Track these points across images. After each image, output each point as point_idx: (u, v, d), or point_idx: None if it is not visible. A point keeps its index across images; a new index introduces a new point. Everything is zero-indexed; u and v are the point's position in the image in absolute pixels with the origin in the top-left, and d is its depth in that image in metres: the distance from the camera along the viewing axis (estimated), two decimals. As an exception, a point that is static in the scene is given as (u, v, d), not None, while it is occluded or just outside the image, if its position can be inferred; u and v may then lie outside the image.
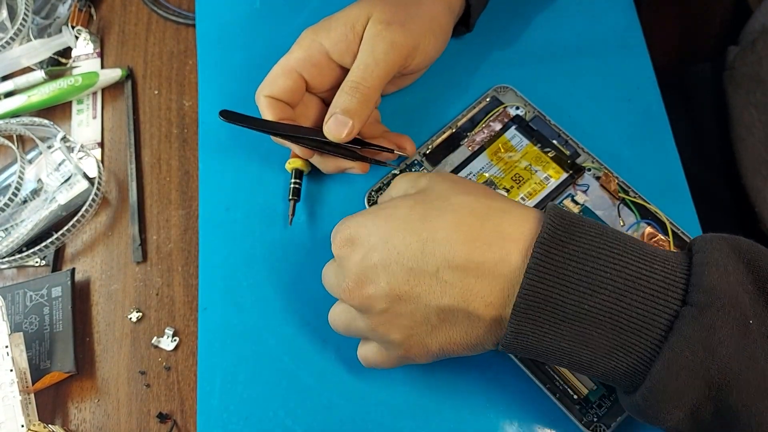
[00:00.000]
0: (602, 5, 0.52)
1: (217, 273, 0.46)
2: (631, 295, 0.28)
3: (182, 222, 0.51)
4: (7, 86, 0.57)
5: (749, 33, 0.56)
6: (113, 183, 0.53)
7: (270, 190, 0.48)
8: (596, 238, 0.30)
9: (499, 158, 0.46)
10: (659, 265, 0.29)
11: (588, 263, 0.29)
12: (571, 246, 0.29)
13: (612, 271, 0.29)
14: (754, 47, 0.53)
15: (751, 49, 0.53)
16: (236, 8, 0.55)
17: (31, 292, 0.48)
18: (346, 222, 0.36)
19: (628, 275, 0.29)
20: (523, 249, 0.31)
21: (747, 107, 0.53)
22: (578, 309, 0.29)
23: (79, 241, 0.52)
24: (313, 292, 0.44)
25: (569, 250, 0.29)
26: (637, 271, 0.29)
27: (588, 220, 0.32)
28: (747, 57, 0.53)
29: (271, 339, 0.43)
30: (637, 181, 0.45)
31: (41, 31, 0.59)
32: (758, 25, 0.55)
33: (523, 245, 0.31)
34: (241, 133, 0.50)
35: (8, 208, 0.51)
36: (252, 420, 0.41)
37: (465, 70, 0.50)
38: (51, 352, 0.46)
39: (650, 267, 0.29)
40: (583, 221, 0.31)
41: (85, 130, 0.56)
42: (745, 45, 0.54)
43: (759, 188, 0.51)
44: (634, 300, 0.28)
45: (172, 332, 0.47)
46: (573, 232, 0.30)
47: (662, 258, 0.30)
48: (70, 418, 0.46)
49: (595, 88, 0.49)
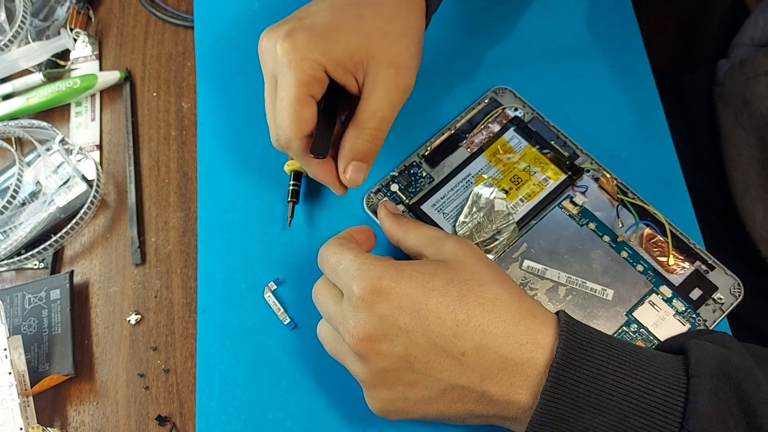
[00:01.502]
0: (600, 7, 0.52)
1: (216, 275, 0.46)
2: (635, 417, 0.31)
3: (181, 224, 0.51)
4: (5, 89, 0.56)
5: (738, 46, 0.56)
6: (112, 185, 0.53)
7: (269, 192, 0.48)
8: (606, 361, 0.32)
9: (498, 160, 0.46)
10: (660, 387, 0.31)
11: (598, 385, 0.31)
12: (583, 370, 0.32)
13: (618, 394, 0.31)
14: (742, 68, 0.52)
15: (739, 69, 0.53)
16: (234, 10, 0.55)
17: (30, 295, 0.48)
18: (380, 268, 0.35)
19: (633, 398, 0.31)
20: (548, 357, 0.33)
21: (736, 127, 0.53)
22: (588, 427, 0.31)
23: (77, 244, 0.52)
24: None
25: (581, 374, 0.32)
26: (639, 395, 0.31)
27: (597, 336, 0.33)
28: (735, 77, 0.53)
29: (270, 341, 0.43)
30: (635, 182, 0.45)
31: (40, 33, 0.59)
32: (747, 38, 0.55)
33: (548, 353, 0.33)
34: (240, 134, 0.50)
35: (7, 211, 0.51)
36: (251, 422, 0.41)
37: (463, 71, 0.50)
38: (50, 355, 0.46)
39: (652, 389, 0.31)
40: (593, 341, 0.33)
41: (83, 132, 0.56)
42: (733, 63, 0.54)
43: (749, 209, 0.51)
44: (637, 422, 0.31)
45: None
46: (584, 355, 0.32)
47: (663, 378, 0.32)
48: (69, 420, 0.46)
49: (593, 90, 0.49)
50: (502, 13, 0.52)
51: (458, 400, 0.34)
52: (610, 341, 0.33)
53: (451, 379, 0.33)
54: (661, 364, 0.33)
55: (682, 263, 0.42)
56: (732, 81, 0.53)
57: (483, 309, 0.34)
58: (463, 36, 0.51)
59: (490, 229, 0.43)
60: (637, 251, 0.43)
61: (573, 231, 0.44)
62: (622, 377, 0.31)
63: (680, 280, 0.42)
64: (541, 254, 0.43)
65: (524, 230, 0.44)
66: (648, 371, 0.32)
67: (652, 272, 0.42)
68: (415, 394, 0.34)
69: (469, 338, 0.33)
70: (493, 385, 0.33)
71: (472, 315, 0.33)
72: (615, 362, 0.32)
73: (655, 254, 0.43)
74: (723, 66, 0.56)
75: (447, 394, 0.34)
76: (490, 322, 0.33)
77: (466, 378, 0.33)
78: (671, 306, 0.41)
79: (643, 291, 0.42)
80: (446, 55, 0.50)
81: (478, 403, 0.34)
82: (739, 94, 0.52)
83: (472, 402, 0.34)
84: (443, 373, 0.33)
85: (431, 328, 0.33)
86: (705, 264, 0.42)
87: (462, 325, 0.33)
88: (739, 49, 0.55)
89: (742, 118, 0.52)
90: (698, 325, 0.41)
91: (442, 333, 0.33)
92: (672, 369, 0.32)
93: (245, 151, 0.49)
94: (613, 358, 0.32)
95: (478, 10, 0.53)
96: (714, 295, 0.41)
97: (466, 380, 0.33)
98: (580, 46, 0.51)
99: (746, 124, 0.51)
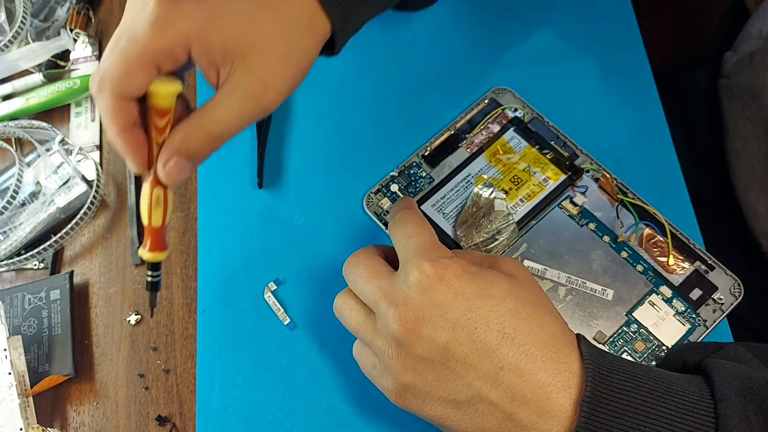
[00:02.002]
0: (600, 7, 0.52)
1: (215, 275, 0.46)
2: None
3: (181, 224, 0.51)
4: (5, 89, 0.56)
5: (745, 39, 0.55)
6: (112, 186, 0.53)
7: (269, 192, 0.48)
8: (633, 391, 0.31)
9: (498, 160, 0.46)
10: (689, 414, 0.31)
11: (629, 418, 0.31)
12: (613, 404, 0.31)
13: (649, 425, 0.31)
14: (752, 60, 0.52)
15: (749, 61, 0.52)
16: (235, 11, 0.55)
17: (30, 295, 0.48)
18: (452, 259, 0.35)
19: (664, 428, 0.31)
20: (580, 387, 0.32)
21: (742, 120, 0.52)
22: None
23: (77, 244, 0.52)
24: (312, 293, 0.44)
25: (612, 408, 0.31)
26: (670, 424, 0.31)
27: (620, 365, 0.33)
28: (744, 69, 0.53)
29: (270, 341, 0.43)
30: (635, 182, 0.45)
31: (39, 33, 0.59)
32: (755, 31, 0.55)
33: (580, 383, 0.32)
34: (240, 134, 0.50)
35: (6, 211, 0.51)
36: (251, 422, 0.41)
37: (463, 71, 0.50)
38: (49, 355, 0.46)
39: (682, 417, 0.31)
40: (619, 371, 0.32)
41: (83, 132, 0.56)
42: (742, 55, 0.54)
43: (751, 203, 0.51)
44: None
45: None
46: (612, 387, 0.31)
47: (691, 405, 0.31)
48: (69, 421, 0.46)
49: (593, 90, 0.49)
50: (502, 13, 0.52)
51: (481, 415, 0.33)
52: (633, 369, 0.33)
53: (482, 391, 0.32)
54: (685, 388, 0.32)
55: (682, 263, 0.42)
56: (740, 73, 0.53)
57: (530, 330, 0.33)
58: (463, 36, 0.51)
59: (490, 230, 0.43)
60: (637, 251, 0.43)
61: (573, 231, 0.44)
62: (650, 408, 0.31)
63: (680, 280, 0.42)
64: (541, 254, 0.43)
65: (524, 230, 0.44)
66: (675, 398, 0.31)
67: (652, 272, 0.42)
68: (440, 391, 0.33)
69: (512, 355, 0.32)
70: (523, 409, 0.32)
71: (519, 332, 0.33)
72: (642, 392, 0.31)
73: (655, 254, 0.43)
74: (730, 58, 0.55)
75: (472, 405, 0.33)
76: (534, 344, 0.33)
77: (497, 394, 0.32)
78: (671, 306, 0.41)
79: (643, 291, 0.42)
80: (446, 56, 0.50)
81: (501, 424, 0.32)
82: (747, 86, 0.52)
83: (496, 422, 0.32)
84: (476, 381, 0.32)
85: (477, 332, 0.33)
86: (705, 264, 0.42)
87: (507, 339, 0.32)
88: (747, 42, 0.55)
89: (750, 111, 0.52)
90: (698, 325, 0.41)
91: (487, 340, 0.32)
92: (697, 393, 0.32)
93: (245, 151, 0.49)
94: (640, 388, 0.31)
95: (478, 10, 0.53)
96: (714, 296, 0.42)
97: (497, 396, 0.32)
98: (580, 47, 0.51)
99: (754, 117, 0.51)
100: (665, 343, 0.40)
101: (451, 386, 0.33)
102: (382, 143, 0.48)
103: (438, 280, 0.33)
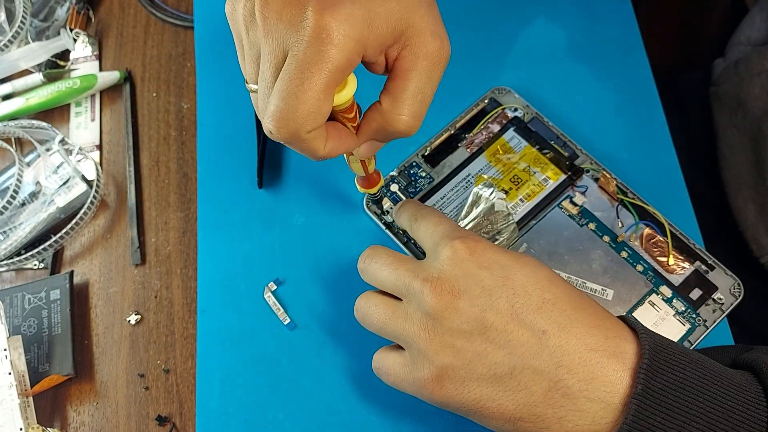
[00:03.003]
0: (601, 7, 0.52)
1: (215, 275, 0.46)
2: (722, 426, 0.29)
3: (181, 224, 0.51)
4: (5, 89, 0.56)
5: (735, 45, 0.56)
6: (112, 185, 0.53)
7: (268, 193, 0.48)
8: (687, 368, 0.30)
9: (498, 160, 0.46)
10: (740, 396, 0.30)
11: (684, 392, 0.29)
12: (671, 376, 0.29)
13: (704, 401, 0.29)
14: (737, 69, 0.52)
15: (734, 69, 0.53)
16: (234, 10, 0.55)
17: (30, 295, 0.48)
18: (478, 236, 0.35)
19: (718, 406, 0.29)
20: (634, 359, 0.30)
21: (730, 127, 0.52)
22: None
23: (77, 244, 0.52)
24: (312, 293, 0.44)
25: (669, 380, 0.29)
26: (723, 403, 0.29)
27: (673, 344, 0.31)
28: (730, 77, 0.53)
29: (270, 341, 0.43)
30: (635, 182, 0.45)
31: (39, 33, 0.59)
32: (744, 37, 0.55)
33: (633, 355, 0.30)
34: (240, 134, 0.50)
35: (6, 211, 0.51)
36: (251, 422, 0.41)
37: (463, 71, 0.50)
38: (50, 355, 0.46)
39: (734, 397, 0.30)
40: (672, 348, 0.31)
41: (83, 132, 0.56)
42: (728, 63, 0.54)
43: (740, 208, 0.51)
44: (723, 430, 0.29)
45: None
46: (669, 361, 0.30)
47: (740, 388, 0.30)
48: (69, 421, 0.46)
49: (593, 90, 0.49)
50: (503, 13, 0.52)
51: (525, 387, 0.30)
52: (684, 350, 0.31)
53: (525, 358, 0.30)
54: (732, 374, 0.31)
55: (682, 263, 0.42)
56: (727, 81, 0.53)
57: (570, 297, 0.32)
58: (464, 36, 0.51)
59: (490, 230, 0.43)
60: (637, 251, 0.43)
61: (573, 231, 0.44)
62: (704, 386, 0.29)
63: (680, 280, 0.42)
64: (541, 254, 0.43)
65: (524, 230, 0.44)
66: (725, 381, 0.30)
67: (652, 272, 0.42)
68: (481, 368, 0.31)
69: (555, 318, 0.31)
70: (571, 375, 0.30)
71: (560, 297, 0.31)
72: (695, 370, 0.30)
73: (655, 254, 0.43)
74: (719, 65, 0.56)
75: (515, 377, 0.31)
76: (576, 309, 0.31)
77: (542, 360, 0.30)
78: (671, 306, 0.41)
79: (643, 291, 0.42)
80: (446, 56, 0.50)
81: (547, 395, 0.30)
82: (733, 94, 0.52)
83: (541, 393, 0.30)
84: (519, 348, 0.30)
85: (516, 298, 0.31)
86: (705, 264, 0.42)
87: (548, 303, 0.31)
88: (735, 49, 0.55)
89: (736, 118, 0.52)
90: (698, 325, 0.41)
91: (527, 304, 0.31)
92: (745, 380, 0.31)
93: (245, 151, 0.49)
94: (693, 366, 0.30)
95: (478, 10, 0.53)
96: (714, 295, 0.42)
97: (541, 363, 0.30)
98: (580, 47, 0.51)
99: (740, 125, 0.51)
100: (665, 343, 0.40)
101: (491, 359, 0.31)
102: (382, 143, 0.48)
103: (470, 253, 0.33)
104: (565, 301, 0.32)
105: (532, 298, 0.31)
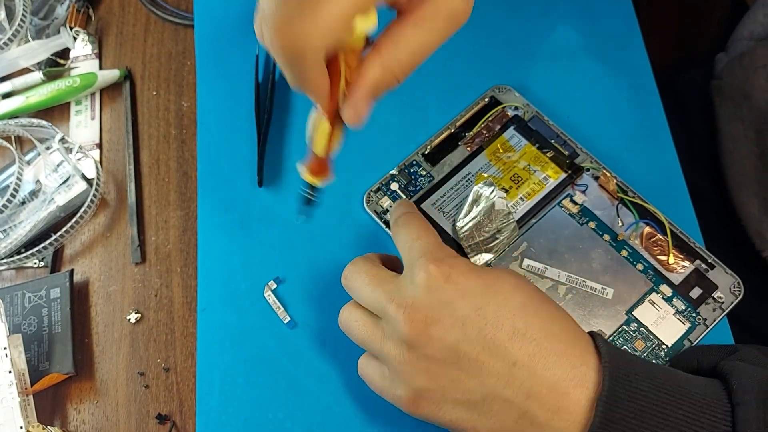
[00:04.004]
0: (601, 6, 0.52)
1: (216, 274, 0.46)
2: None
3: (181, 223, 0.51)
4: (5, 87, 0.56)
5: (737, 40, 0.56)
6: (112, 184, 0.53)
7: (269, 191, 0.48)
8: (651, 392, 0.30)
9: (498, 158, 0.46)
10: (706, 418, 0.30)
11: (645, 420, 0.30)
12: (629, 404, 0.30)
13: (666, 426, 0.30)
14: (741, 61, 0.52)
15: (739, 62, 0.53)
16: (235, 9, 0.55)
17: (30, 294, 0.48)
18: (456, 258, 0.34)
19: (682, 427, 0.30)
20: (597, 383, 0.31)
21: (734, 120, 0.52)
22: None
23: (77, 243, 0.52)
24: (312, 293, 0.44)
25: (629, 408, 0.30)
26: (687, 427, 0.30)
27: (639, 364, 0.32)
28: (734, 70, 0.53)
29: (270, 340, 0.43)
30: (635, 181, 0.45)
31: (39, 32, 0.58)
32: (746, 32, 0.55)
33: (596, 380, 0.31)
34: (240, 133, 0.50)
35: (7, 210, 0.51)
36: (251, 422, 0.41)
37: (464, 70, 0.50)
38: (50, 354, 0.46)
39: (699, 421, 0.30)
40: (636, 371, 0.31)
41: (83, 131, 0.56)
42: (732, 56, 0.54)
43: (743, 203, 0.51)
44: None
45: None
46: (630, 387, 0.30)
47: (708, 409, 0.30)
48: (69, 419, 0.46)
49: (593, 89, 0.49)
50: (503, 12, 0.52)
51: (496, 415, 0.32)
52: (651, 369, 0.32)
53: (496, 388, 0.31)
54: (703, 391, 0.31)
55: (682, 262, 0.42)
56: (731, 74, 0.53)
57: (542, 324, 0.32)
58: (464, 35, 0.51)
59: (490, 228, 0.43)
60: (637, 250, 0.43)
61: (573, 230, 0.44)
62: (669, 410, 0.30)
63: (680, 278, 0.42)
64: (541, 253, 0.43)
65: (524, 229, 0.44)
66: (692, 401, 0.30)
67: (652, 271, 0.42)
68: (455, 393, 0.32)
69: (525, 349, 0.31)
70: (538, 406, 0.31)
71: (530, 327, 0.32)
72: (659, 394, 0.30)
73: (655, 253, 0.43)
74: (722, 59, 0.56)
75: (487, 405, 0.32)
76: (547, 338, 0.32)
77: (512, 391, 0.31)
78: (671, 305, 0.41)
79: (643, 290, 0.42)
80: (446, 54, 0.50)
81: (516, 423, 0.31)
82: (738, 87, 0.52)
83: (511, 421, 0.32)
84: (489, 378, 0.31)
85: (487, 329, 0.32)
86: (705, 263, 0.42)
87: (519, 334, 0.32)
88: (738, 44, 0.55)
89: (741, 111, 0.52)
90: (698, 323, 0.41)
91: (497, 336, 0.32)
92: (715, 397, 0.31)
93: (245, 149, 0.49)
94: (658, 389, 0.31)
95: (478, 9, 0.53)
96: (714, 294, 0.42)
97: (511, 393, 0.31)
98: (580, 45, 0.51)
99: (745, 118, 0.51)
100: (665, 342, 0.40)
101: (464, 387, 0.32)
102: (382, 141, 0.48)
103: (444, 280, 0.33)
104: (536, 328, 0.32)
105: (503, 329, 0.32)
